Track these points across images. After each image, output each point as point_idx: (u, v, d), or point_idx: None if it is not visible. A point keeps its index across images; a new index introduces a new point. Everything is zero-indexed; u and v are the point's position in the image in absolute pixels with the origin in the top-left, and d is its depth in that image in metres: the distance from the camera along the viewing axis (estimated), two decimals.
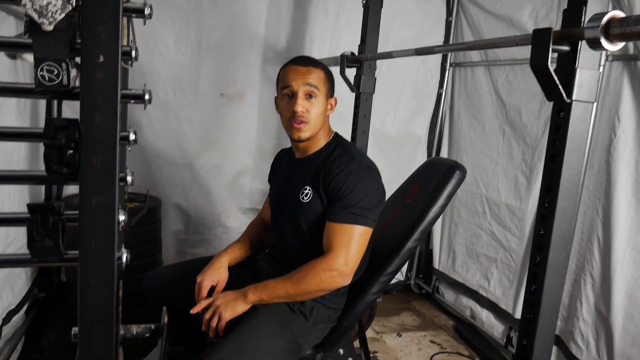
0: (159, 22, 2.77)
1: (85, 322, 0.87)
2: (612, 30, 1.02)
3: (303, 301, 1.65)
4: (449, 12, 3.40)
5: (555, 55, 1.15)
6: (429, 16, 3.35)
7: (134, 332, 1.07)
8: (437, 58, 3.47)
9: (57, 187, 2.84)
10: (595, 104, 1.15)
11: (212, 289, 1.75)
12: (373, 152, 2.95)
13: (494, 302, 2.98)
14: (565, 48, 1.12)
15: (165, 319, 1.10)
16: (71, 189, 2.87)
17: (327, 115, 1.77)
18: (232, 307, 1.57)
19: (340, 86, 1.92)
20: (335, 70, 1.91)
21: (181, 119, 2.96)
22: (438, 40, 3.40)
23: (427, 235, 3.60)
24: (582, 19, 1.09)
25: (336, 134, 1.82)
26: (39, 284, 2.84)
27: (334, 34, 3.09)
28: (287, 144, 1.89)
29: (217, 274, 1.76)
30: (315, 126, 1.69)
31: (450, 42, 3.40)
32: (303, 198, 1.69)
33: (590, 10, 1.09)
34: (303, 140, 1.71)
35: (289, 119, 1.68)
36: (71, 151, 0.83)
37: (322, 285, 1.59)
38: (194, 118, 2.99)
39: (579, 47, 1.10)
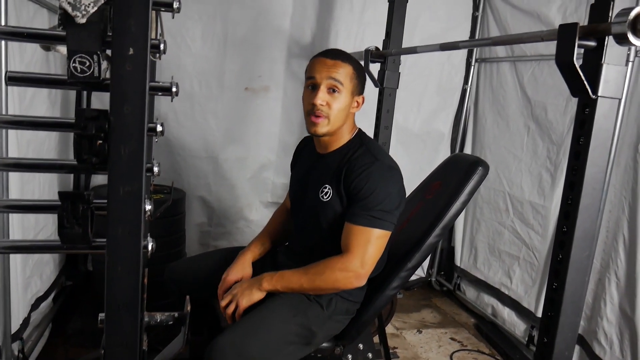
0: (187, 16, 2.79)
1: (111, 307, 0.90)
2: None
3: None
4: (475, 7, 3.36)
5: (582, 52, 1.14)
6: (455, 11, 3.32)
7: (158, 320, 1.10)
8: (462, 54, 3.43)
9: (85, 179, 2.90)
10: (621, 101, 1.14)
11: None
12: (395, 148, 2.94)
13: (516, 300, 2.96)
14: (592, 43, 1.10)
15: (188, 308, 1.12)
16: (98, 181, 2.93)
17: (352, 113, 1.73)
18: (248, 295, 1.62)
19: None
20: None
21: (206, 113, 3.00)
22: (464, 36, 3.36)
23: (449, 232, 3.58)
24: (610, 14, 1.08)
25: (360, 131, 1.78)
26: (66, 273, 2.91)
27: (359, 28, 3.08)
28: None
29: (241, 271, 1.79)
30: (334, 122, 1.65)
31: (476, 37, 3.36)
32: (323, 197, 1.69)
33: (618, 6, 1.07)
34: (319, 136, 1.69)
35: (308, 111, 1.65)
36: (101, 141, 0.85)
37: (337, 284, 1.61)
38: (219, 112, 3.02)
39: (606, 42, 1.08)
